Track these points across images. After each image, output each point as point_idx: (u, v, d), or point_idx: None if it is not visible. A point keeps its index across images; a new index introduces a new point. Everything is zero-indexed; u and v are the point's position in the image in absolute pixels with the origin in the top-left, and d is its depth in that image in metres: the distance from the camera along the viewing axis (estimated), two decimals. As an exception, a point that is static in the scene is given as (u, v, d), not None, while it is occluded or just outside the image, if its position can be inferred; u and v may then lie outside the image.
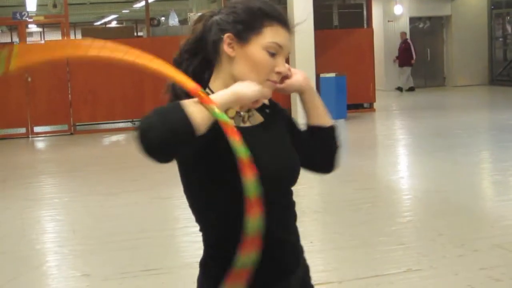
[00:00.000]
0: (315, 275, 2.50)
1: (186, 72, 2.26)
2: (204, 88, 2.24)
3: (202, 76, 2.33)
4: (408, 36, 24.83)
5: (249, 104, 2.15)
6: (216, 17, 2.30)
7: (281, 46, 2.27)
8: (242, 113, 2.31)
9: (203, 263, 2.42)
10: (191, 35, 2.36)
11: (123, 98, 16.69)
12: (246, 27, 2.24)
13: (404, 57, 24.22)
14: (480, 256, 6.45)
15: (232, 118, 2.26)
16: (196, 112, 1.95)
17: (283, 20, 2.29)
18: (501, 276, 5.88)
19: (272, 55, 2.24)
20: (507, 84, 24.70)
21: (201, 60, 2.33)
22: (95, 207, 9.12)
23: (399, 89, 24.32)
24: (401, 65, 24.34)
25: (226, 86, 2.19)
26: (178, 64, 2.37)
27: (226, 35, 2.24)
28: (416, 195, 9.15)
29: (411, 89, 24.41)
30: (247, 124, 2.31)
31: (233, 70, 2.25)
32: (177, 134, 1.93)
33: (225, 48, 2.24)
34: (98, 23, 40.31)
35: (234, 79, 2.24)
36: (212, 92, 2.23)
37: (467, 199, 8.66)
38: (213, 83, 2.31)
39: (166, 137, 1.93)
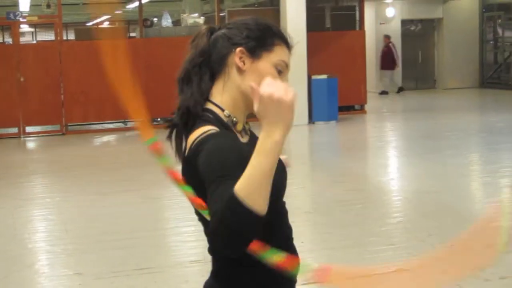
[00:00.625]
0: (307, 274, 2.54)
1: (198, 88, 2.35)
2: (205, 101, 2.34)
3: (210, 91, 2.38)
4: (399, 39, 24.93)
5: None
6: (223, 31, 2.37)
7: (287, 65, 2.39)
8: (245, 126, 2.39)
9: (226, 277, 2.38)
10: (194, 50, 2.40)
11: (115, 99, 16.60)
12: (259, 43, 2.33)
13: (384, 61, 24.32)
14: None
15: (239, 132, 2.35)
16: (258, 188, 1.93)
17: (288, 41, 2.43)
18: (490, 276, 5.94)
19: (279, 72, 2.34)
20: (498, 87, 24.80)
21: (209, 74, 2.38)
22: (87, 206, 9.15)
23: (384, 92, 24.33)
24: (382, 68, 24.42)
25: (234, 100, 2.31)
26: (186, 82, 2.41)
27: (238, 49, 2.32)
28: (406, 196, 9.22)
29: (400, 89, 24.51)
30: (245, 139, 2.39)
31: (242, 84, 2.32)
32: (244, 228, 1.93)
33: (237, 61, 2.31)
34: (90, 23, 40.28)
35: (242, 93, 2.31)
36: (219, 107, 2.32)
37: (457, 200, 8.73)
38: (219, 97, 2.36)
39: (239, 235, 1.95)
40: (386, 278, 2.07)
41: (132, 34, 21.45)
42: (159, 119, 17.67)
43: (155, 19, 25.77)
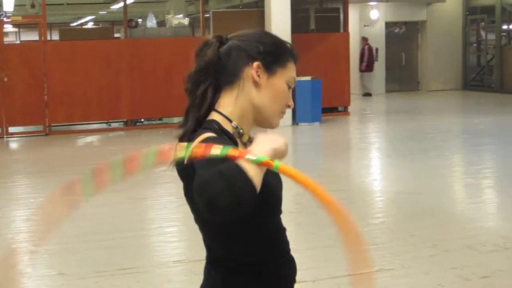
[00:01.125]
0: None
1: (205, 97, 2.36)
2: (210, 110, 2.36)
3: (216, 101, 2.40)
4: (383, 41, 25.04)
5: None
6: (236, 43, 2.40)
7: (295, 81, 2.46)
8: (250, 137, 2.41)
9: (230, 278, 2.41)
10: (202, 60, 2.40)
11: (99, 99, 16.69)
12: (275, 59, 2.39)
13: (361, 63, 24.48)
14: (451, 256, 6.57)
15: (244, 144, 2.40)
16: (254, 175, 1.97)
17: (297, 59, 2.49)
18: (471, 276, 6.00)
19: (289, 88, 2.42)
20: (480, 90, 24.94)
21: (215, 84, 2.39)
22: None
23: (367, 94, 24.43)
24: (360, 70, 24.56)
25: (243, 112, 2.36)
26: (193, 91, 2.41)
27: (256, 63, 2.36)
28: (389, 197, 9.27)
29: (367, 94, 24.61)
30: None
31: (255, 98, 2.37)
32: (244, 200, 1.94)
33: (254, 75, 2.35)
34: (75, 24, 40.20)
35: (254, 107, 2.37)
36: (227, 118, 2.35)
37: (439, 201, 8.79)
38: (229, 108, 2.38)
39: (234, 204, 1.93)
40: None
41: (116, 35, 21.39)
42: (143, 119, 17.71)
43: (139, 20, 25.79)
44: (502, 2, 23.85)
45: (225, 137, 2.28)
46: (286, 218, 2.64)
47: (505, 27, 24.78)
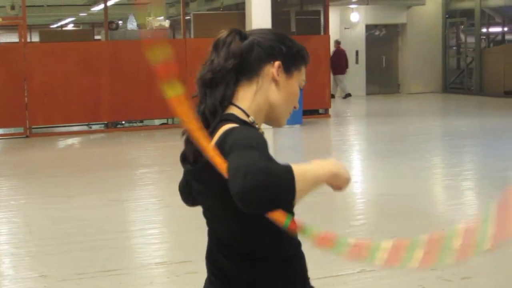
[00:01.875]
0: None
1: (225, 91, 2.39)
2: (227, 104, 2.39)
3: (234, 95, 2.44)
4: (363, 44, 25.15)
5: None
6: (258, 40, 2.45)
7: (305, 84, 2.57)
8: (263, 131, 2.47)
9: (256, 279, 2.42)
10: (223, 53, 2.44)
11: (80, 101, 16.64)
12: (294, 62, 2.48)
13: (333, 65, 24.50)
14: (432, 258, 6.59)
15: None
16: (301, 185, 2.10)
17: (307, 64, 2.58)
18: (451, 277, 6.04)
19: (300, 90, 2.53)
20: (460, 92, 25.10)
21: (235, 79, 2.43)
22: (52, 209, 9.11)
23: (348, 95, 24.47)
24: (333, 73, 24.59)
25: (259, 108, 2.42)
26: (211, 85, 2.43)
27: (278, 62, 2.43)
28: (370, 199, 9.31)
29: (332, 96, 24.69)
30: None
31: (272, 96, 2.45)
32: (281, 201, 2.07)
33: (275, 74, 2.42)
34: (55, 26, 40.03)
35: (269, 105, 2.45)
36: (244, 112, 2.39)
37: (420, 203, 8.84)
38: (247, 103, 2.42)
39: (272, 202, 2.05)
40: None
41: (97, 37, 21.34)
42: (124, 122, 17.68)
43: (120, 22, 25.71)
44: (482, 5, 24.01)
45: (251, 128, 2.34)
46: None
47: (484, 30, 24.96)
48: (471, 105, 21.79)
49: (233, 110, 2.40)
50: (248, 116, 2.40)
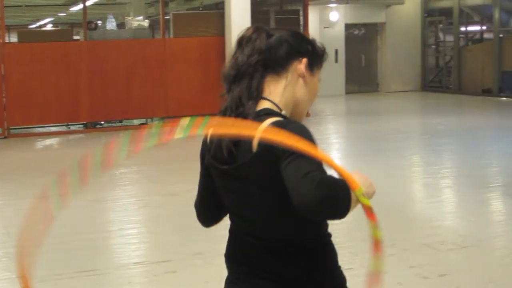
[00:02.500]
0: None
1: (254, 85, 2.45)
2: (257, 96, 2.44)
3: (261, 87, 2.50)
4: (342, 43, 25.18)
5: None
6: (286, 37, 2.53)
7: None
8: None
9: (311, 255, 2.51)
10: (249, 49, 2.49)
11: (58, 102, 16.56)
12: (317, 61, 2.58)
13: None
14: (410, 255, 6.64)
15: None
16: (353, 202, 2.23)
17: None
18: (429, 274, 6.08)
19: None
20: (439, 91, 25.20)
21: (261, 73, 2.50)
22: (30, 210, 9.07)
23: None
24: None
25: (287, 103, 2.49)
26: (238, 79, 2.48)
27: (305, 59, 2.52)
28: (349, 198, 9.33)
29: None
30: None
31: (299, 92, 2.53)
32: (338, 216, 2.24)
33: (303, 70, 2.51)
34: (33, 26, 39.87)
35: (295, 100, 2.53)
36: (277, 107, 2.46)
37: (399, 201, 8.88)
38: (278, 97, 2.49)
39: (333, 214, 2.24)
40: None
41: (76, 37, 21.26)
42: (103, 122, 17.62)
43: (99, 22, 25.65)
44: (460, 4, 24.12)
45: (305, 126, 2.41)
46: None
47: (463, 29, 25.06)
48: (450, 103, 21.89)
49: (266, 104, 2.46)
50: (280, 110, 2.47)
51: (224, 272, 2.66)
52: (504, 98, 22.00)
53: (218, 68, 10.94)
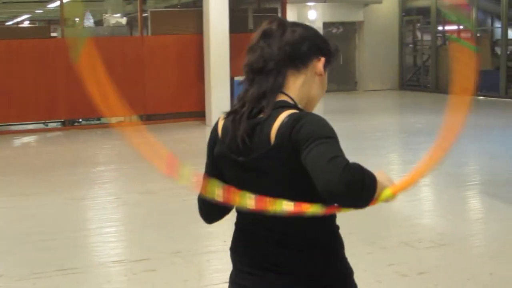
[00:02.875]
0: (229, 273, 2.60)
1: (277, 79, 2.49)
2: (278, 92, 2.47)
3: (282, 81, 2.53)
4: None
5: None
6: (307, 35, 2.55)
7: None
8: None
9: (325, 246, 2.54)
10: (277, 41, 2.52)
11: (36, 99, 16.46)
12: (331, 62, 2.61)
13: None
14: (389, 253, 6.67)
15: None
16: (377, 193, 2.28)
17: None
18: (408, 272, 6.11)
19: None
20: (416, 89, 25.31)
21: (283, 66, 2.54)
22: (8, 208, 9.03)
23: None
24: None
25: (302, 99, 2.53)
26: (264, 72, 2.51)
27: (323, 58, 2.56)
28: (327, 196, 9.35)
29: None
30: None
31: (314, 89, 2.58)
32: (363, 201, 2.27)
33: (321, 68, 2.55)
34: (10, 22, 39.60)
35: (309, 96, 2.58)
36: (294, 101, 2.49)
37: (377, 199, 8.89)
38: (295, 92, 2.53)
39: (358, 199, 2.24)
40: None
41: (53, 34, 21.15)
42: (81, 120, 17.54)
43: (77, 19, 25.51)
44: (438, 3, 24.24)
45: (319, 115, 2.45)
46: (225, 217, 2.66)
47: (440, 28, 25.19)
48: (427, 102, 21.99)
49: (283, 97, 2.48)
50: (295, 103, 2.50)
51: (203, 270, 2.67)
52: (481, 97, 22.12)
53: (196, 66, 11.06)
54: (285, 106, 2.42)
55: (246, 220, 2.58)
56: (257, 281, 2.53)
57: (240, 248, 2.61)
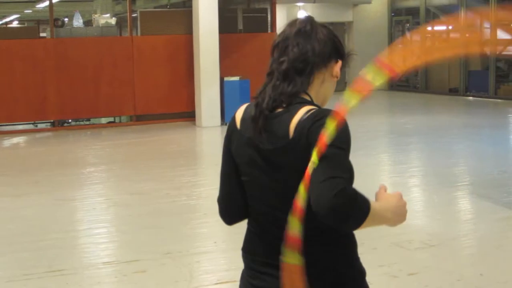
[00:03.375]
0: (220, 274, 2.59)
1: (307, 79, 2.54)
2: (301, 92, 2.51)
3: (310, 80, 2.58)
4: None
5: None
6: (332, 37, 2.61)
7: None
8: None
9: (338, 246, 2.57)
10: (315, 41, 2.56)
11: (25, 100, 16.41)
12: (345, 65, 2.68)
13: None
14: (379, 254, 6.68)
15: None
16: (366, 223, 2.31)
17: None
18: (398, 273, 6.11)
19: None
20: (406, 90, 25.37)
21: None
22: (-3, 209, 9.01)
23: None
24: None
25: (318, 99, 2.57)
26: (311, 68, 2.56)
27: (340, 61, 2.62)
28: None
29: None
30: None
31: (328, 90, 2.63)
32: (349, 226, 2.33)
33: (338, 70, 2.61)
34: (-1, 23, 39.45)
35: (323, 96, 2.62)
36: (312, 99, 2.53)
37: (367, 200, 8.90)
38: (313, 92, 2.57)
39: (343, 223, 2.28)
40: None
41: (42, 34, 21.09)
42: (70, 120, 17.51)
43: (66, 19, 25.47)
44: (426, 3, 24.29)
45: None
46: (215, 219, 2.66)
47: (429, 28, 25.20)
48: (417, 102, 22.05)
49: (304, 95, 2.53)
50: (313, 101, 2.54)
51: (193, 271, 2.66)
52: (471, 98, 22.20)
53: (186, 66, 11.07)
54: (303, 102, 2.47)
55: (259, 218, 2.59)
56: (273, 281, 2.52)
57: (255, 248, 2.62)
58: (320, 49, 2.54)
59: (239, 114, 2.64)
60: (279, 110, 2.46)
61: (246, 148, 2.52)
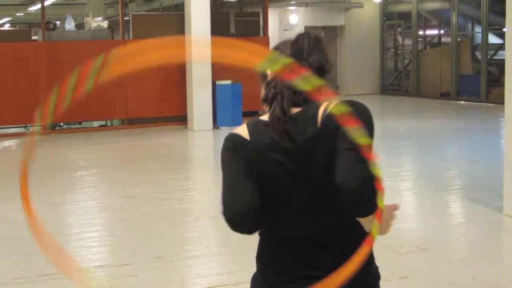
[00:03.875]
0: (212, 278, 2.58)
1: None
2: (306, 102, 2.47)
3: None
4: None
5: None
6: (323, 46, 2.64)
7: None
8: None
9: None
10: (325, 51, 2.63)
11: (16, 103, 16.38)
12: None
13: None
14: (371, 258, 6.66)
15: None
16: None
17: None
18: (390, 276, 6.10)
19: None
20: (398, 94, 25.41)
21: None
22: (-12, 212, 8.97)
23: None
24: None
25: None
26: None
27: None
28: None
29: None
30: None
31: None
32: (361, 213, 2.38)
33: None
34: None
35: None
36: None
37: (359, 204, 8.90)
38: None
39: (364, 210, 2.36)
40: None
41: (34, 37, 21.06)
42: (62, 123, 17.47)
43: (58, 22, 25.45)
44: (418, 8, 24.34)
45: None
46: (207, 222, 2.66)
47: (421, 32, 25.30)
48: (409, 106, 22.08)
49: None
50: None
51: (184, 275, 2.65)
52: (462, 102, 22.25)
53: (178, 70, 11.04)
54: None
55: (282, 228, 2.55)
56: None
57: (271, 257, 2.61)
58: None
59: (241, 131, 2.63)
60: (297, 109, 2.45)
61: (268, 153, 2.44)
